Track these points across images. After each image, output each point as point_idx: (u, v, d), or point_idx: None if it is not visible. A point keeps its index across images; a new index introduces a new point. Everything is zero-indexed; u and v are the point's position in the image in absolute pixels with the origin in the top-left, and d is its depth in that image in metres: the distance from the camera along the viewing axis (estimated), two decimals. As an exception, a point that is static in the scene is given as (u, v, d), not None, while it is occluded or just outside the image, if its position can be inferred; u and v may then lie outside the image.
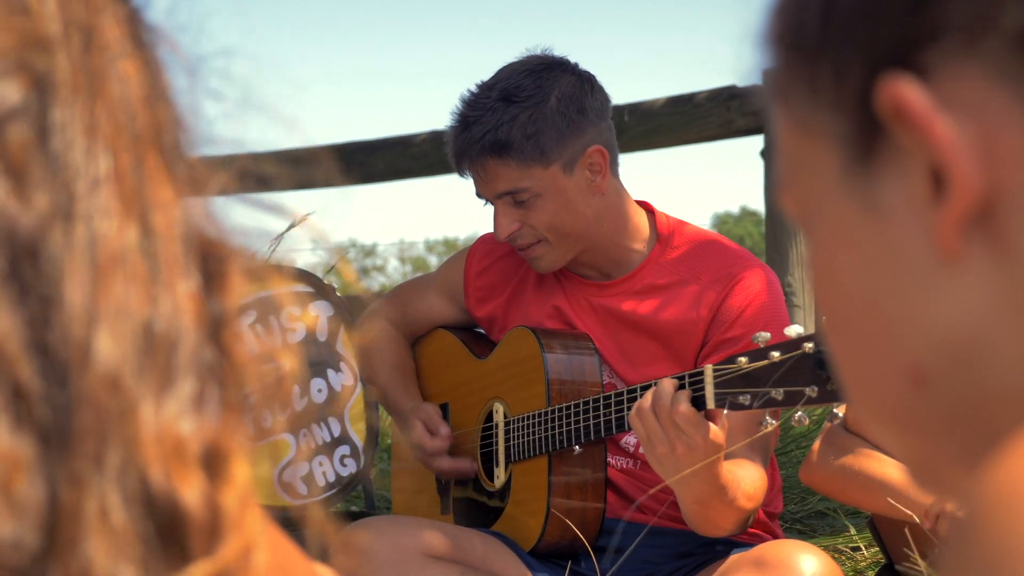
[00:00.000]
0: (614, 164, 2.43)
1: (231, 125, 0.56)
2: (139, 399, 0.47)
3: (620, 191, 2.45)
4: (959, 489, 0.52)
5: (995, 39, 0.47)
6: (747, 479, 2.16)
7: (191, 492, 0.48)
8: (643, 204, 2.51)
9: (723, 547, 2.38)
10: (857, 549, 3.08)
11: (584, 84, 2.39)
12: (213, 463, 0.49)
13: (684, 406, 1.99)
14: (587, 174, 2.37)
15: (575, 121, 2.35)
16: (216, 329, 0.51)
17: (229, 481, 0.50)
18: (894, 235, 0.51)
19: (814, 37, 0.52)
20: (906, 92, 0.48)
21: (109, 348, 0.47)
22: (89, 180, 0.48)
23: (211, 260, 0.52)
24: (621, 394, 2.24)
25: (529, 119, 2.33)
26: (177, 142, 0.52)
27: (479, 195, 2.43)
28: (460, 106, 2.41)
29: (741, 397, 1.99)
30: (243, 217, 0.55)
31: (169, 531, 0.48)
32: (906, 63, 0.48)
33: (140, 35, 0.52)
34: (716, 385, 2.03)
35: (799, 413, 2.01)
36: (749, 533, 2.40)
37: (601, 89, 2.43)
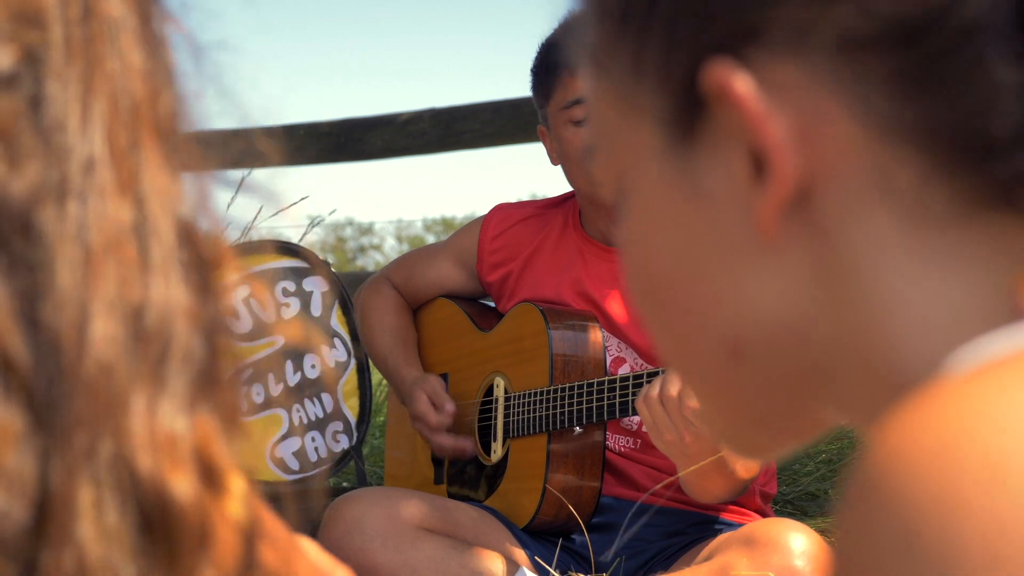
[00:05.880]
0: None
1: (229, 107, 0.55)
2: (131, 390, 0.46)
3: None
4: (758, 447, 0.56)
5: (820, 42, 0.48)
6: None
7: (182, 485, 0.47)
8: None
9: (714, 526, 2.38)
10: (848, 531, 3.09)
11: None
12: (207, 470, 0.48)
13: (693, 400, 2.00)
14: None
15: None
16: (210, 331, 0.49)
17: (226, 491, 0.48)
18: (715, 217, 0.52)
19: (642, 14, 0.53)
20: (731, 77, 0.49)
21: (104, 335, 0.46)
22: (83, 157, 0.47)
23: (204, 257, 0.50)
24: (627, 379, 2.24)
25: None
26: (177, 125, 0.51)
27: (577, 101, 2.41)
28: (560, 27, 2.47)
29: None
30: (236, 198, 0.53)
31: (160, 528, 0.46)
32: (734, 53, 0.50)
33: (148, 12, 0.51)
34: None
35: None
36: (741, 514, 2.40)
37: None
